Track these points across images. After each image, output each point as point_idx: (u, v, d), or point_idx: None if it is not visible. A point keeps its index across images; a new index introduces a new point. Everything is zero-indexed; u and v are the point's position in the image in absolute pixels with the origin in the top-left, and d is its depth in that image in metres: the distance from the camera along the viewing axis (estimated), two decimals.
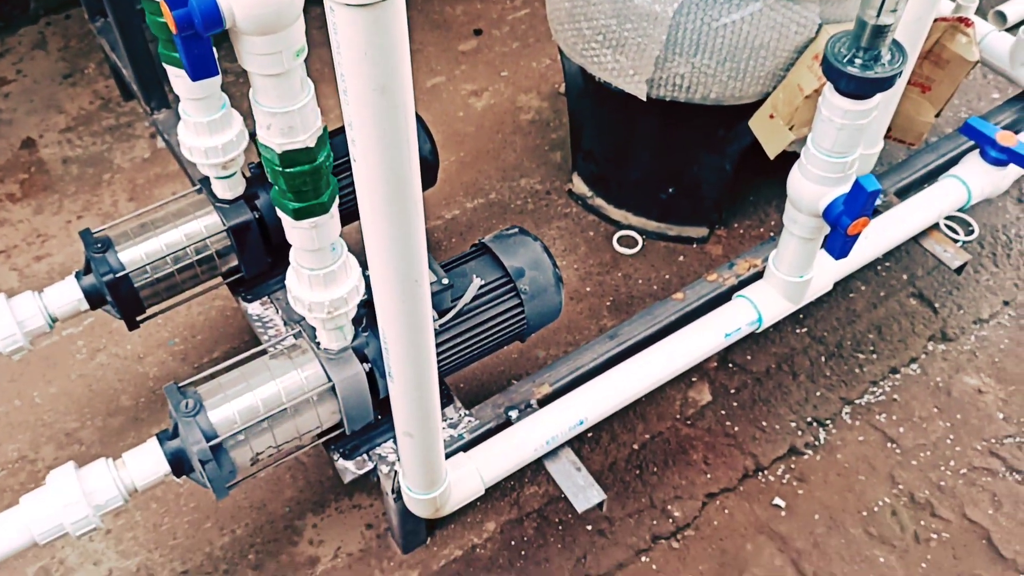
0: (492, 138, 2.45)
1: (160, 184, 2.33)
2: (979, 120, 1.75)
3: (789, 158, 1.58)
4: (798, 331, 1.99)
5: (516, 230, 1.58)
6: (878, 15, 1.19)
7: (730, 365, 1.95)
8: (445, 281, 1.45)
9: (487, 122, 2.50)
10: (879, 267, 2.09)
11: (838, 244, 1.43)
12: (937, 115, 1.88)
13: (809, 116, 1.75)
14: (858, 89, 1.26)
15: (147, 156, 2.41)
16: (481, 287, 1.49)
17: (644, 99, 1.78)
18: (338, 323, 1.33)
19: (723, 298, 1.72)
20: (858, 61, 1.24)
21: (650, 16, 1.67)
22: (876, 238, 1.71)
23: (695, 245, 2.16)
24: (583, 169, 2.27)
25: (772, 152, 1.79)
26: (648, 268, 2.13)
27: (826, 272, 1.66)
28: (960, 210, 1.84)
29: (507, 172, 2.36)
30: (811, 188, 1.41)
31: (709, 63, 1.71)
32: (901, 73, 1.25)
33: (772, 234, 2.14)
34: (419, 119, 1.80)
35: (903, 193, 1.86)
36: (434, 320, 1.44)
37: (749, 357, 1.96)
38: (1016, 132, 1.90)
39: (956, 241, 2.11)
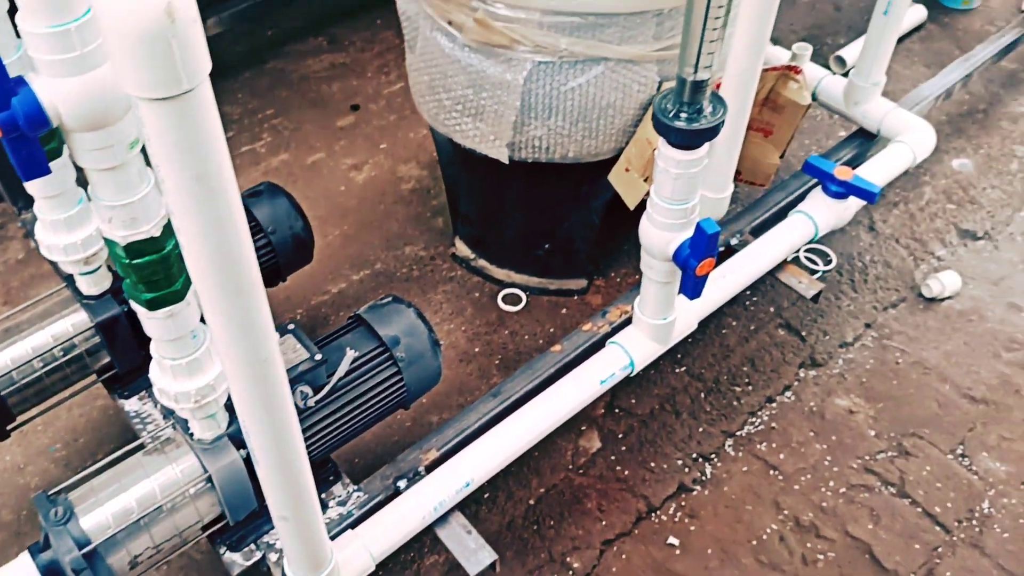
0: (375, 209, 2.49)
1: (35, 285, 2.29)
2: (818, 158, 1.88)
3: None
4: (677, 371, 2.07)
5: (390, 299, 1.62)
6: (695, 72, 1.28)
7: (616, 410, 2.00)
8: (318, 357, 1.47)
9: (369, 194, 2.54)
10: (747, 302, 2.19)
11: (690, 285, 1.50)
12: (781, 156, 2.01)
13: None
14: (686, 141, 1.35)
15: (21, 257, 2.36)
16: (356, 359, 1.51)
17: (507, 162, 1.85)
18: (208, 411, 1.33)
19: (599, 346, 1.77)
20: (683, 115, 1.33)
21: (503, 84, 1.75)
22: (733, 276, 1.80)
23: (576, 297, 2.23)
24: (463, 232, 2.33)
25: (631, 203, 1.88)
26: (533, 323, 2.19)
27: (688, 313, 1.74)
28: (813, 242, 1.96)
29: (391, 241, 2.40)
30: (659, 235, 1.49)
31: (563, 124, 1.79)
32: (723, 123, 1.34)
33: None
34: (289, 197, 1.83)
35: (758, 231, 1.97)
36: (309, 397, 1.45)
37: (634, 400, 2.02)
38: (855, 166, 2.04)
39: (815, 272, 2.24)
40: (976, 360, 2.08)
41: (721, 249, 1.96)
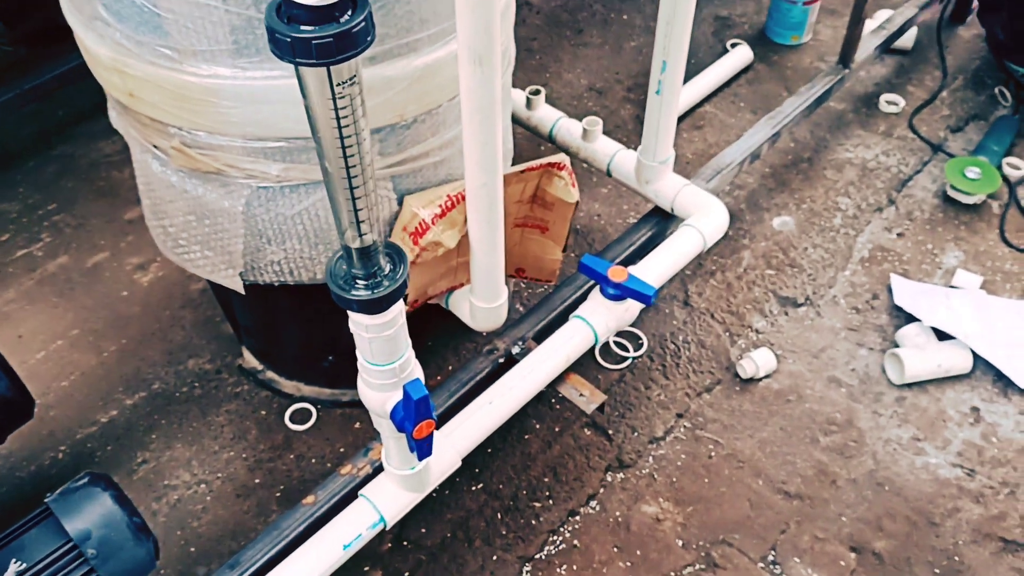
0: (159, 316, 2.27)
1: None
2: (592, 258, 1.73)
3: None
4: (474, 488, 1.90)
5: (85, 479, 1.41)
6: (359, 237, 1.11)
7: (404, 543, 1.82)
8: None
9: (154, 299, 2.32)
10: (552, 399, 2.03)
11: (414, 446, 1.33)
12: (564, 250, 1.85)
13: (416, 283, 1.68)
14: (371, 310, 1.17)
15: None
16: (33, 566, 1.30)
17: (242, 291, 1.66)
18: None
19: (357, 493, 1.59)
20: (361, 283, 1.16)
21: (223, 211, 1.56)
22: (501, 401, 1.64)
23: None
24: (248, 343, 2.13)
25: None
26: (323, 443, 2.00)
27: (447, 451, 1.57)
28: (596, 347, 1.80)
29: (174, 354, 2.19)
30: (373, 395, 1.32)
31: (302, 247, 1.61)
32: (407, 280, 1.17)
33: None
34: None
35: (544, 334, 1.81)
36: None
37: (423, 530, 1.84)
38: (653, 247, 1.90)
39: (625, 359, 2.09)
40: (793, 448, 1.95)
41: (501, 361, 1.80)
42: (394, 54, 1.36)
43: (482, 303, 1.73)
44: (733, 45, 2.86)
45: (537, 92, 2.18)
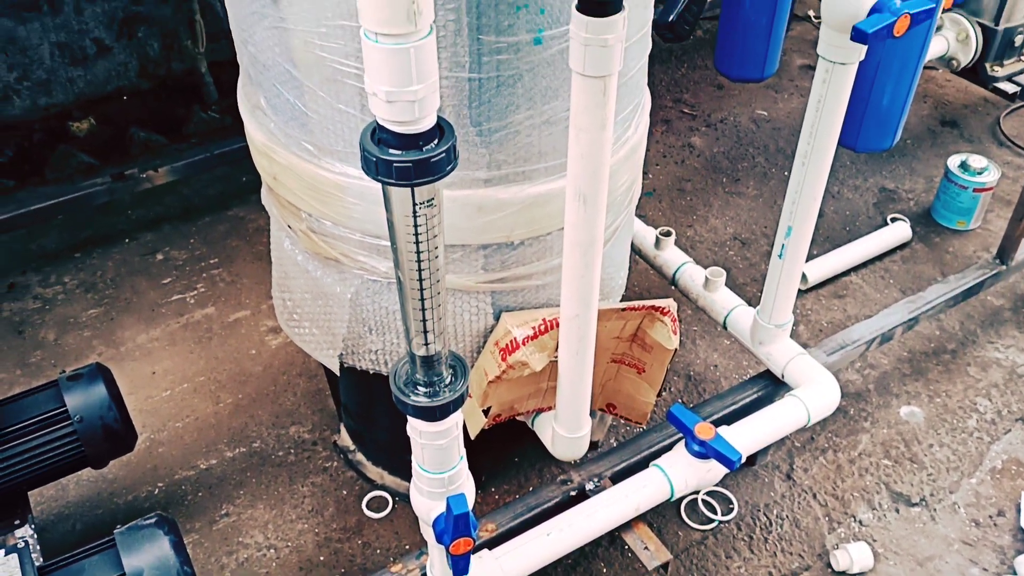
0: (277, 380, 2.41)
1: None
2: (682, 409, 1.69)
3: None
4: None
5: (153, 520, 1.49)
6: (426, 346, 1.15)
7: None
8: None
9: (277, 362, 2.46)
10: (625, 546, 1.96)
11: (450, 562, 1.32)
12: (659, 394, 1.82)
13: (501, 398, 1.70)
14: (427, 416, 1.20)
15: None
16: None
17: (337, 372, 1.74)
18: None
19: None
20: (421, 390, 1.19)
21: (334, 296, 1.66)
22: (560, 535, 1.60)
23: None
24: (346, 422, 2.20)
25: (472, 431, 1.72)
26: (392, 535, 2.02)
27: (493, 574, 1.54)
28: (669, 503, 1.73)
29: (280, 418, 2.30)
30: (421, 500, 1.33)
31: (399, 342, 1.67)
32: (464, 394, 1.19)
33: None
34: (110, 385, 1.75)
35: (622, 476, 1.77)
36: None
37: None
38: (756, 410, 1.83)
39: (711, 521, 2.00)
40: None
41: (573, 494, 1.77)
42: (509, 180, 1.43)
43: (564, 431, 1.72)
44: (893, 219, 2.76)
45: (667, 233, 2.19)
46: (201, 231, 2.91)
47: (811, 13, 3.85)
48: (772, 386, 1.96)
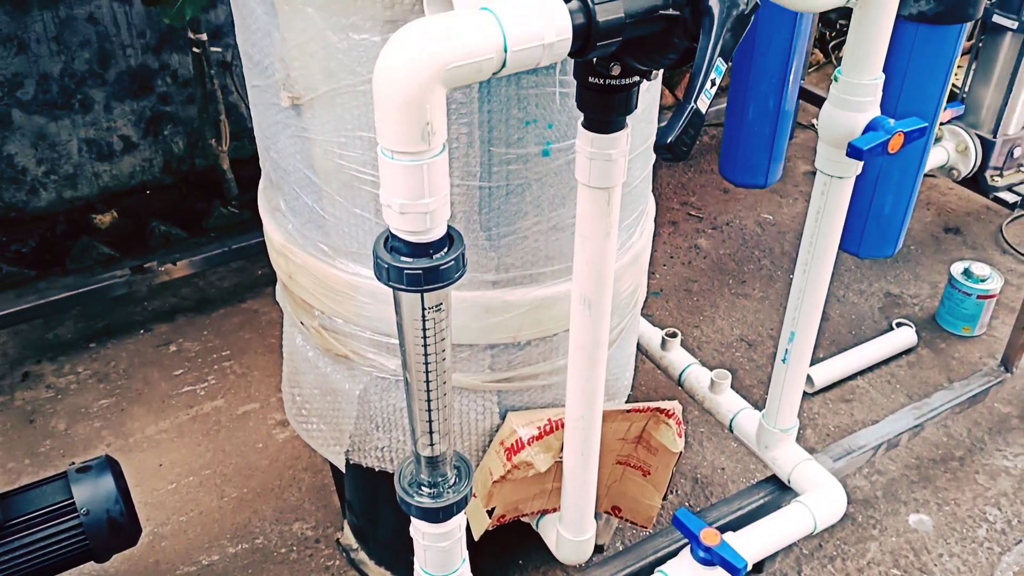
0: (282, 474, 2.41)
1: None
2: (687, 514, 1.68)
3: None
4: None
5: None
6: (431, 446, 1.17)
7: None
8: None
9: (284, 456, 2.47)
10: None
11: None
12: (665, 497, 1.81)
13: (506, 499, 1.70)
14: (430, 518, 1.21)
15: None
16: None
17: (343, 469, 1.75)
18: None
19: None
20: (425, 490, 1.21)
21: (342, 392, 1.68)
22: None
23: None
24: (350, 519, 2.19)
25: (476, 532, 1.72)
26: None
27: None
28: None
29: (283, 514, 2.29)
30: None
31: (405, 440, 1.69)
32: (468, 495, 1.20)
33: None
34: (118, 478, 1.76)
35: None
36: None
37: None
38: (763, 516, 1.82)
39: None
40: None
41: None
42: (517, 282, 1.47)
43: (568, 534, 1.71)
44: (898, 324, 2.79)
45: (673, 335, 2.22)
46: (215, 323, 2.95)
47: (814, 121, 3.97)
48: (779, 491, 1.95)
